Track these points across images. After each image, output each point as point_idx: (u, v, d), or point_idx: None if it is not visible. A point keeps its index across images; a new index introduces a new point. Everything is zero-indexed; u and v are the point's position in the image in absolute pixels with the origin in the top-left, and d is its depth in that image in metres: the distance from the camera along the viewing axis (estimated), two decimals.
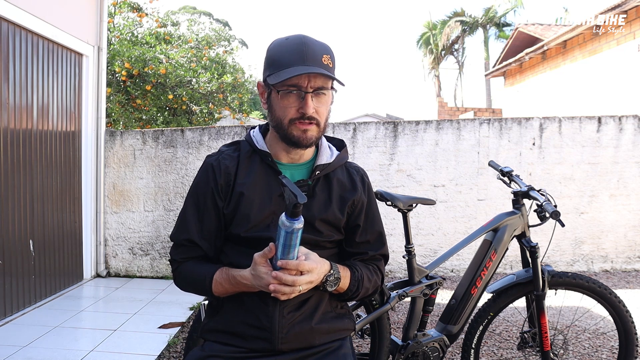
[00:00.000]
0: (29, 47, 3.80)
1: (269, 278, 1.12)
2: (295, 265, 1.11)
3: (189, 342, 1.95)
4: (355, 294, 1.29)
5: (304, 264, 1.12)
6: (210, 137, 4.91)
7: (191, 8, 25.66)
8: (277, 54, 1.22)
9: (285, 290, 1.11)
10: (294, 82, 1.18)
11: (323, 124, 1.24)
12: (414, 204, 2.30)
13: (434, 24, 26.71)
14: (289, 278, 1.10)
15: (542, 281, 2.17)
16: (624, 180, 5.03)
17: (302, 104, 1.19)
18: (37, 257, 3.90)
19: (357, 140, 4.96)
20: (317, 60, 1.19)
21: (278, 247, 1.11)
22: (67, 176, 4.39)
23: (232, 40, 9.64)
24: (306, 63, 1.17)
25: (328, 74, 1.18)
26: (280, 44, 1.24)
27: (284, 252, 1.10)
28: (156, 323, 3.52)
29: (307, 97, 1.19)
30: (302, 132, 1.21)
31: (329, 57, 1.21)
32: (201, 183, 1.31)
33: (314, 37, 1.24)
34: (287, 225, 1.06)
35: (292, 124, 1.21)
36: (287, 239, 1.08)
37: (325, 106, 1.23)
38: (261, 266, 1.14)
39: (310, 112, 1.19)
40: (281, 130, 1.24)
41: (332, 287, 1.22)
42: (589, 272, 5.01)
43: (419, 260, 4.75)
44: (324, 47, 1.23)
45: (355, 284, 1.28)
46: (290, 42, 1.22)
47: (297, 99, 1.20)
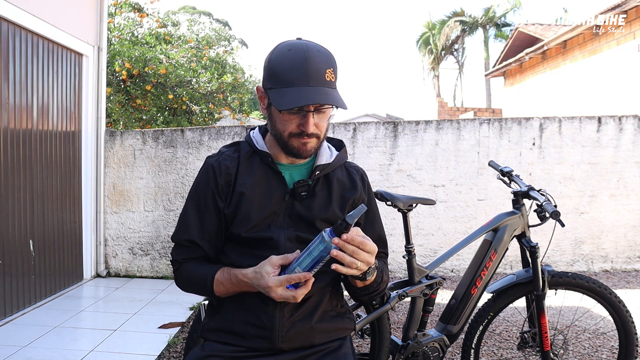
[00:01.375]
0: (29, 47, 3.80)
1: (269, 279, 1.12)
2: (359, 242, 1.08)
3: (189, 342, 1.95)
4: (378, 287, 1.27)
5: (370, 243, 1.10)
6: (210, 137, 4.91)
7: (191, 8, 25.67)
8: (279, 67, 1.19)
9: (345, 258, 1.07)
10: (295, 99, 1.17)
11: (323, 135, 1.24)
12: (414, 204, 2.30)
13: (433, 24, 26.71)
14: (349, 247, 1.07)
15: (542, 281, 2.17)
16: (624, 180, 5.03)
17: (303, 122, 1.19)
18: (37, 257, 3.90)
19: (357, 140, 4.96)
20: (320, 77, 1.16)
21: (303, 257, 1.10)
22: (67, 176, 4.39)
23: (232, 40, 9.65)
24: (309, 83, 1.15)
25: (333, 102, 1.16)
26: (282, 56, 1.20)
27: (310, 265, 1.10)
28: (156, 323, 3.52)
29: (309, 116, 1.18)
30: (302, 144, 1.22)
31: (332, 71, 1.19)
32: (202, 184, 1.31)
33: (315, 41, 1.22)
34: (327, 240, 1.06)
35: (292, 137, 1.21)
36: (320, 253, 1.08)
37: (325, 121, 1.23)
38: (268, 266, 1.14)
39: (311, 130, 1.19)
40: (281, 142, 1.24)
41: (371, 275, 1.19)
42: (589, 272, 5.01)
43: (419, 260, 4.75)
44: (327, 58, 1.19)
45: (380, 276, 1.27)
46: (292, 55, 1.18)
47: (298, 115, 1.19)
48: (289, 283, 1.11)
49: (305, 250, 1.11)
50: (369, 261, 1.10)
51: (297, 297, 1.12)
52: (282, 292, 1.12)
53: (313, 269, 1.10)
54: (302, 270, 1.10)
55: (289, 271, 1.12)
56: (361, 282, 1.22)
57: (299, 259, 1.11)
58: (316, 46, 1.20)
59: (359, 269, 1.10)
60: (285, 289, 1.12)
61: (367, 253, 1.09)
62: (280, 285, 1.12)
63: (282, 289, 1.12)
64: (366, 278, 1.18)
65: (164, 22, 8.06)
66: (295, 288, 1.12)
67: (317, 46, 1.21)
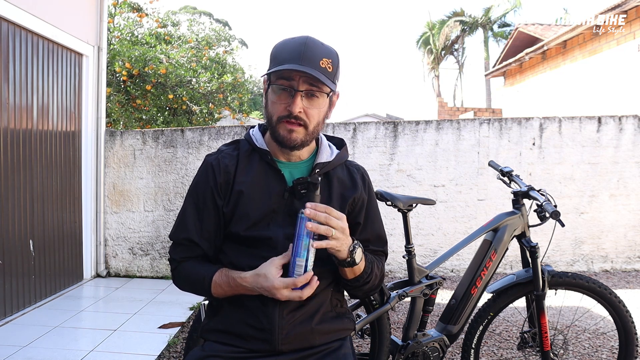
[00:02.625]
0: (29, 47, 3.80)
1: (274, 281, 1.13)
2: (325, 208, 1.13)
3: (189, 342, 1.95)
4: (368, 279, 1.27)
5: (334, 210, 1.15)
6: (210, 137, 4.91)
7: (191, 8, 25.67)
8: (279, 50, 1.23)
9: (320, 228, 1.11)
10: (286, 76, 1.18)
11: (312, 128, 1.23)
12: (414, 204, 2.30)
13: (433, 24, 26.71)
14: (320, 214, 1.12)
15: (542, 281, 2.17)
16: (624, 180, 5.03)
17: (290, 102, 1.19)
18: (37, 257, 3.90)
19: (357, 140, 4.96)
20: (314, 61, 1.17)
21: (297, 245, 1.12)
22: (67, 176, 4.39)
23: (232, 40, 9.65)
24: (300, 62, 1.17)
25: (319, 76, 1.16)
26: (284, 42, 1.24)
27: (306, 250, 1.12)
28: (156, 323, 3.52)
29: (297, 95, 1.19)
30: (288, 132, 1.21)
31: (330, 62, 1.20)
32: (201, 182, 1.30)
33: (320, 39, 1.24)
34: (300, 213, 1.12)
35: (280, 122, 1.21)
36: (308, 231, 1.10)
37: (316, 109, 1.22)
38: (273, 267, 1.15)
39: (296, 111, 1.19)
40: (270, 127, 1.25)
41: (360, 257, 1.21)
42: (589, 272, 5.01)
43: (419, 260, 4.75)
44: (327, 50, 1.21)
45: (370, 266, 1.27)
46: (293, 41, 1.22)
47: (288, 96, 1.20)
48: (295, 286, 1.13)
49: (295, 238, 1.12)
50: (342, 227, 1.14)
51: (303, 297, 1.15)
52: (288, 293, 1.14)
53: (311, 251, 1.12)
54: (301, 258, 1.12)
55: (291, 267, 1.14)
56: (350, 272, 1.23)
57: (295, 250, 1.13)
58: (321, 41, 1.23)
59: (334, 237, 1.13)
60: (291, 291, 1.14)
61: (336, 218, 1.13)
62: (287, 287, 1.13)
63: (288, 290, 1.14)
64: (354, 262, 1.19)
65: (163, 22, 8.06)
66: (300, 289, 1.14)
67: (321, 41, 1.23)
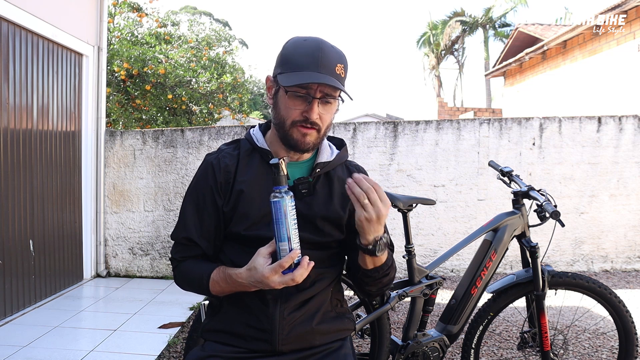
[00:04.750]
0: (29, 47, 3.80)
1: (263, 270, 1.09)
2: (373, 182, 1.11)
3: (189, 342, 1.95)
4: (388, 271, 1.25)
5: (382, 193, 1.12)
6: (210, 137, 4.91)
7: (192, 8, 25.69)
8: (293, 54, 1.21)
9: (355, 189, 1.09)
10: (304, 84, 1.18)
11: (324, 131, 1.24)
12: (414, 204, 2.30)
13: (434, 24, 26.72)
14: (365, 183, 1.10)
15: (542, 281, 2.17)
16: (624, 180, 5.03)
17: (308, 109, 1.19)
18: (37, 257, 3.90)
19: (357, 140, 4.96)
20: (330, 68, 1.18)
21: (276, 230, 1.08)
22: (67, 176, 4.39)
23: (232, 40, 9.63)
24: (319, 70, 1.17)
25: (340, 87, 1.18)
26: (297, 44, 1.22)
27: (286, 232, 1.08)
28: (156, 323, 3.52)
29: (314, 102, 1.19)
30: (302, 135, 1.21)
31: (342, 67, 1.21)
32: (201, 181, 1.30)
33: (330, 42, 1.24)
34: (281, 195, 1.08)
35: (294, 126, 1.21)
36: (285, 211, 1.07)
37: (329, 114, 1.23)
38: (260, 257, 1.12)
39: (314, 118, 1.19)
40: (282, 130, 1.23)
41: (381, 251, 1.18)
42: (589, 272, 5.01)
43: (419, 260, 4.75)
44: (339, 55, 1.22)
45: (390, 258, 1.26)
46: (307, 44, 1.20)
47: (304, 102, 1.19)
48: (283, 269, 1.08)
49: (274, 224, 1.08)
50: (378, 204, 1.10)
51: (296, 279, 1.09)
52: (279, 279, 1.09)
53: (292, 232, 1.08)
54: (284, 241, 1.08)
55: (277, 255, 1.10)
56: (371, 261, 1.20)
57: (277, 236, 1.09)
58: (331, 44, 1.23)
59: (365, 207, 1.10)
60: (282, 276, 1.09)
61: (379, 197, 1.10)
62: (276, 273, 1.09)
63: (279, 275, 1.09)
64: (376, 251, 1.16)
65: (163, 22, 8.05)
66: (291, 271, 1.10)
67: (331, 44, 1.23)
